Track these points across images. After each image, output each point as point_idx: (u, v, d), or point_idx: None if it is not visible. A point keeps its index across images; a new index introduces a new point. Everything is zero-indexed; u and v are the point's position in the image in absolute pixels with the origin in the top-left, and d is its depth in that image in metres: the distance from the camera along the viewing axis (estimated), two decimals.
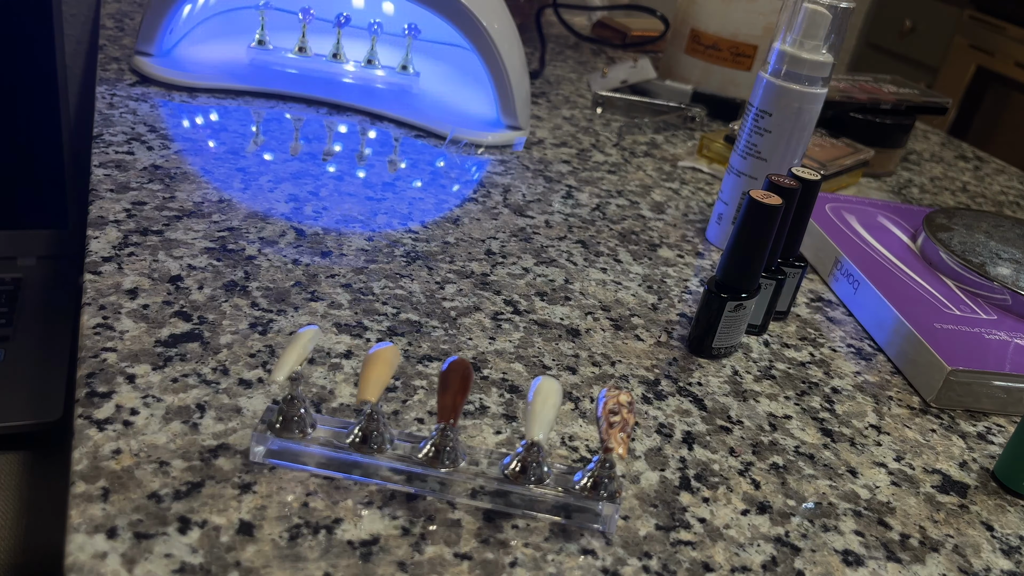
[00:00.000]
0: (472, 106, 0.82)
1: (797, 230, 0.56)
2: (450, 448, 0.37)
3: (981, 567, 0.41)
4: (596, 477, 0.37)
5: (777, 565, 0.38)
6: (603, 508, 0.37)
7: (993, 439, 0.51)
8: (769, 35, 0.95)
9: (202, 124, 0.71)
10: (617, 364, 0.50)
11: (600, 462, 0.37)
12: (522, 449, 0.37)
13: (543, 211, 0.68)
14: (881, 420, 0.50)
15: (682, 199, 0.75)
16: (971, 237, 0.67)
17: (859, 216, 0.72)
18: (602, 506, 0.37)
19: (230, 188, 0.61)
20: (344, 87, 0.81)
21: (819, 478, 0.44)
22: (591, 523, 0.38)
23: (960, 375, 0.51)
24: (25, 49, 1.46)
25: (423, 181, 0.69)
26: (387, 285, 0.53)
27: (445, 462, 0.37)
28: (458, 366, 0.37)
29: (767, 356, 0.54)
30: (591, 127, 0.89)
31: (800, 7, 0.58)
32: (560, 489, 0.37)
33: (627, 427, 0.35)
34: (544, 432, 0.34)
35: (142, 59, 0.77)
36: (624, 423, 0.35)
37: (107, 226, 0.54)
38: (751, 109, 0.61)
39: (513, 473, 0.37)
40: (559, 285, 0.57)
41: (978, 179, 1.00)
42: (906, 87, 0.98)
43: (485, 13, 0.74)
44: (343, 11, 0.80)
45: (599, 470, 0.37)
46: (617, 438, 0.34)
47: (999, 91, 2.21)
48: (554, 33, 1.23)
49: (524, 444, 0.37)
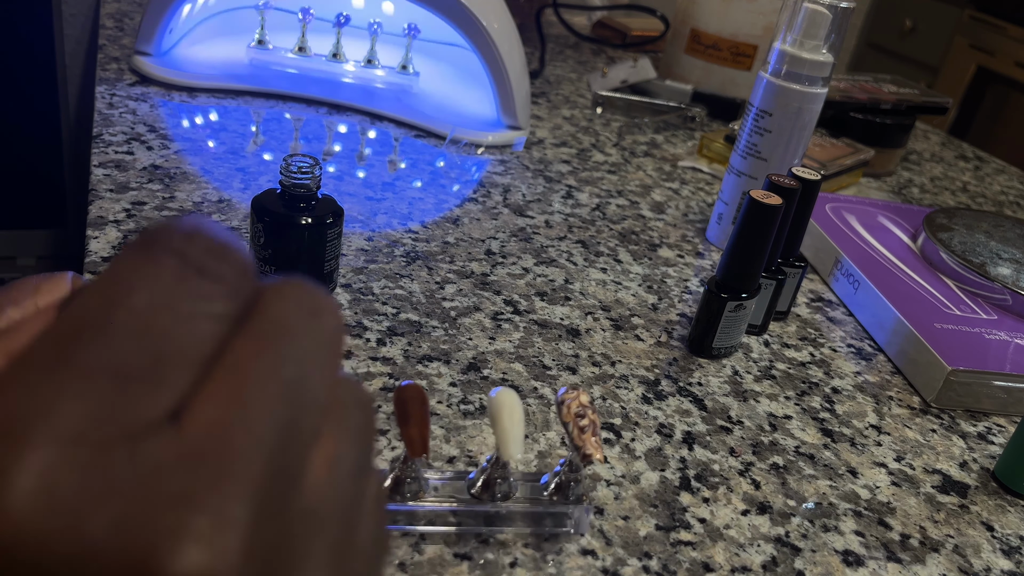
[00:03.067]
0: (472, 106, 0.82)
1: (797, 230, 0.56)
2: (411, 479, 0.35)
3: (981, 567, 0.41)
4: (563, 480, 0.36)
5: (777, 565, 0.38)
6: (574, 512, 0.37)
7: (993, 439, 0.51)
8: (769, 35, 0.95)
9: (202, 124, 0.71)
10: (617, 364, 0.50)
11: (567, 465, 0.36)
12: (487, 464, 0.36)
13: (543, 211, 0.68)
14: (881, 420, 0.50)
15: (682, 199, 0.75)
16: (971, 237, 0.67)
17: (859, 216, 0.72)
18: (572, 509, 0.37)
19: (230, 188, 0.61)
20: (344, 87, 0.80)
21: (819, 478, 0.44)
22: (562, 527, 0.37)
23: (960, 375, 0.51)
24: (25, 49, 1.46)
25: (423, 181, 0.69)
26: (387, 285, 0.53)
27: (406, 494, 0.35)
28: (415, 393, 0.33)
29: (767, 356, 0.54)
30: (591, 127, 0.89)
31: (800, 7, 0.58)
32: (528, 501, 0.36)
33: (597, 429, 0.34)
34: (520, 450, 0.33)
35: (142, 59, 0.77)
36: (593, 425, 0.34)
37: (107, 226, 0.54)
38: (751, 109, 0.61)
39: (479, 491, 0.36)
40: (559, 285, 0.57)
41: (978, 179, 1.00)
42: (906, 87, 0.98)
43: (485, 13, 0.74)
44: (343, 11, 0.80)
45: (566, 473, 0.36)
46: (591, 443, 0.34)
47: (999, 91, 2.21)
48: (554, 33, 1.23)
49: (489, 459, 0.36)
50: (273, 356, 0.15)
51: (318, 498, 0.16)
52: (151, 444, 0.14)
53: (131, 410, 0.14)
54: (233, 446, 0.14)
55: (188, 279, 0.15)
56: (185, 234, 0.16)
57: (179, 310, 0.15)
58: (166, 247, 0.15)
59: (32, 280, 0.19)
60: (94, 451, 0.13)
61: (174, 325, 0.15)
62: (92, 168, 0.60)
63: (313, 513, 0.16)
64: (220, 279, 0.16)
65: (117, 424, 0.14)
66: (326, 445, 0.16)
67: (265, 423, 0.14)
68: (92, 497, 0.13)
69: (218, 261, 0.16)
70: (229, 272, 0.16)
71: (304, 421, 0.15)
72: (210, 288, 0.15)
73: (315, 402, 0.16)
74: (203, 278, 0.15)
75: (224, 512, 0.14)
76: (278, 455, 0.15)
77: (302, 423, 0.15)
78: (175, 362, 0.14)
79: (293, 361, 0.16)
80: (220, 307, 0.15)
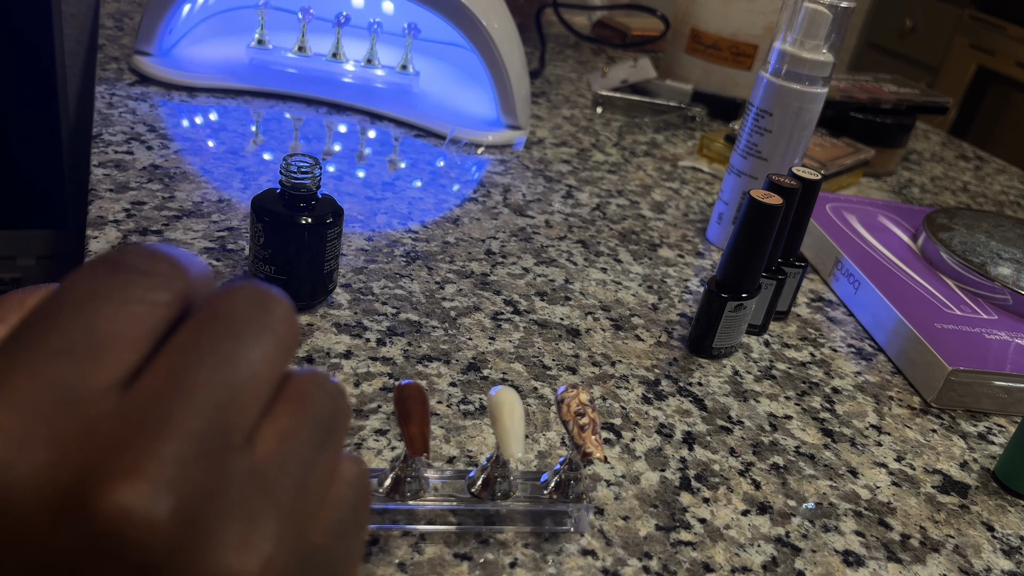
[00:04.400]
0: (472, 106, 0.82)
1: (797, 230, 0.56)
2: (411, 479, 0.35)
3: (982, 567, 0.41)
4: (563, 478, 0.36)
5: (777, 565, 0.38)
6: (573, 510, 0.37)
7: (994, 439, 0.51)
8: (769, 35, 0.95)
9: (201, 124, 0.71)
10: (617, 364, 0.50)
11: (566, 463, 0.36)
12: (487, 463, 0.36)
13: (543, 211, 0.68)
14: (882, 420, 0.50)
15: (682, 199, 0.75)
16: (972, 237, 0.67)
17: (860, 216, 0.72)
18: (572, 508, 0.37)
19: (230, 188, 0.61)
20: (344, 87, 0.80)
21: (819, 478, 0.44)
22: (562, 526, 0.37)
23: (961, 375, 0.51)
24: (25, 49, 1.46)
25: (423, 181, 0.69)
26: (387, 285, 0.53)
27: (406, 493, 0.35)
28: (415, 392, 0.33)
29: (767, 356, 0.54)
30: (591, 127, 0.89)
31: (801, 7, 0.58)
32: (528, 500, 0.36)
33: (597, 427, 0.34)
34: (521, 449, 0.33)
35: (141, 59, 0.77)
36: (593, 424, 0.34)
37: (106, 226, 0.54)
38: (751, 109, 0.61)
39: (479, 490, 0.36)
40: (559, 285, 0.57)
41: (979, 179, 1.00)
42: (907, 87, 0.98)
43: (485, 13, 0.74)
44: (343, 11, 0.80)
45: (566, 471, 0.36)
46: (592, 442, 0.34)
47: (1000, 91, 2.21)
48: (554, 33, 1.23)
49: (489, 458, 0.36)
50: (215, 336, 0.17)
51: (265, 462, 0.17)
52: (94, 405, 0.15)
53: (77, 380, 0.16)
54: (170, 406, 0.16)
55: (121, 274, 0.17)
56: (120, 249, 0.18)
57: (114, 297, 0.17)
58: (102, 259, 0.18)
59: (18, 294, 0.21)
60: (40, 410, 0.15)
61: (113, 309, 0.17)
62: (92, 168, 0.60)
63: (260, 474, 0.17)
64: (151, 273, 0.18)
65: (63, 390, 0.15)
66: (279, 418, 0.18)
67: (203, 390, 0.16)
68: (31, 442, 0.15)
69: (148, 260, 0.18)
70: (160, 267, 0.18)
71: (247, 393, 0.17)
72: (141, 279, 0.17)
73: (260, 377, 0.17)
74: (135, 273, 0.17)
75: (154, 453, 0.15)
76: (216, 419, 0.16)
77: (244, 394, 0.17)
78: (115, 339, 0.16)
79: (235, 340, 0.17)
80: (155, 295, 0.17)
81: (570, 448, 0.35)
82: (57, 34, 1.45)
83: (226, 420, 0.16)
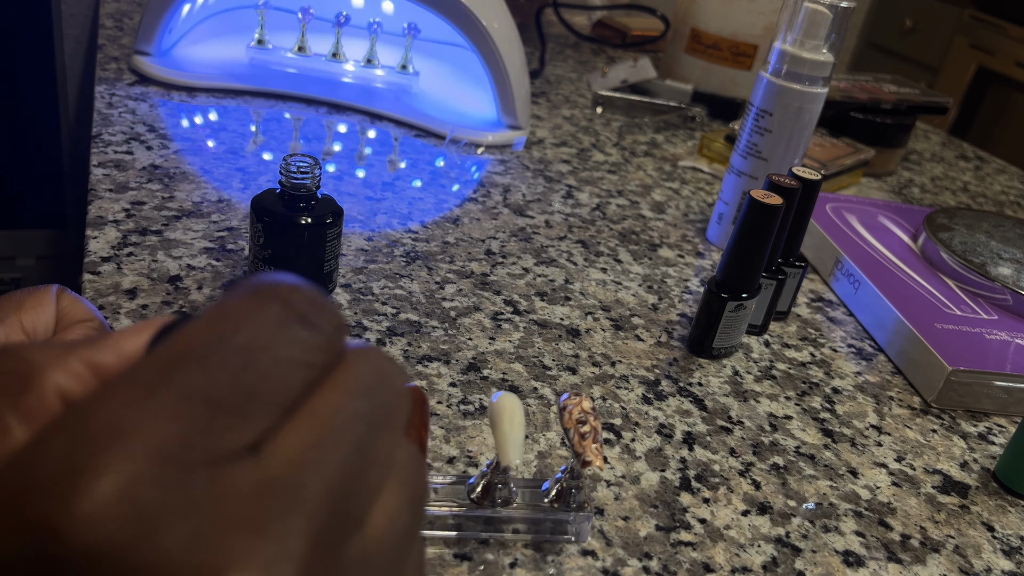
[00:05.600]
0: (472, 106, 0.82)
1: (797, 230, 0.55)
2: None
3: (982, 567, 0.41)
4: (564, 487, 0.36)
5: (778, 566, 0.38)
6: (574, 519, 0.37)
7: (994, 439, 0.51)
8: (769, 35, 0.95)
9: (201, 124, 0.71)
10: (617, 364, 0.50)
11: (568, 471, 0.36)
12: (487, 469, 0.36)
13: (543, 211, 0.67)
14: (882, 420, 0.50)
15: (682, 199, 0.75)
16: (972, 237, 0.67)
17: (860, 216, 0.72)
18: (572, 517, 0.37)
19: (229, 188, 0.61)
20: (344, 87, 0.80)
21: (820, 478, 0.44)
22: (562, 534, 0.37)
23: (961, 375, 0.51)
24: (25, 49, 1.46)
25: (423, 181, 0.69)
26: (387, 285, 0.53)
27: None
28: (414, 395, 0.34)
29: (767, 356, 0.54)
30: (591, 127, 0.89)
31: (801, 7, 0.58)
32: (528, 507, 0.36)
33: (598, 436, 0.34)
34: (519, 455, 0.33)
35: (141, 59, 0.77)
36: (594, 432, 0.34)
37: (106, 226, 0.54)
38: (752, 109, 0.61)
39: (479, 496, 0.36)
40: (559, 285, 0.57)
41: (979, 179, 1.00)
42: (907, 87, 0.98)
43: (485, 13, 0.74)
44: (343, 10, 0.80)
45: (567, 480, 0.36)
46: (592, 450, 0.34)
47: (1000, 91, 2.21)
48: (554, 33, 1.23)
49: (489, 464, 0.36)
50: (351, 410, 0.16)
51: (374, 548, 0.17)
52: (230, 471, 0.14)
53: (218, 437, 0.15)
54: (304, 484, 0.15)
55: (290, 325, 0.16)
56: (290, 285, 0.17)
57: (278, 353, 0.16)
58: (273, 293, 0.16)
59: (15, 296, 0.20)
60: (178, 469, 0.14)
61: (271, 366, 0.16)
62: (91, 168, 0.60)
63: (367, 562, 0.16)
64: (319, 330, 0.17)
65: (203, 448, 0.14)
66: (387, 500, 0.17)
67: (335, 469, 0.15)
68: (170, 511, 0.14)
69: (319, 313, 0.17)
70: (327, 325, 0.17)
71: (370, 474, 0.17)
72: (308, 337, 0.16)
73: (381, 458, 0.17)
74: (303, 327, 0.16)
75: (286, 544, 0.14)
76: (342, 500, 0.16)
77: (368, 476, 0.16)
78: (265, 400, 0.15)
79: (367, 418, 0.17)
80: (313, 356, 0.16)
81: (570, 454, 0.35)
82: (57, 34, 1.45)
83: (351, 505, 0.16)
